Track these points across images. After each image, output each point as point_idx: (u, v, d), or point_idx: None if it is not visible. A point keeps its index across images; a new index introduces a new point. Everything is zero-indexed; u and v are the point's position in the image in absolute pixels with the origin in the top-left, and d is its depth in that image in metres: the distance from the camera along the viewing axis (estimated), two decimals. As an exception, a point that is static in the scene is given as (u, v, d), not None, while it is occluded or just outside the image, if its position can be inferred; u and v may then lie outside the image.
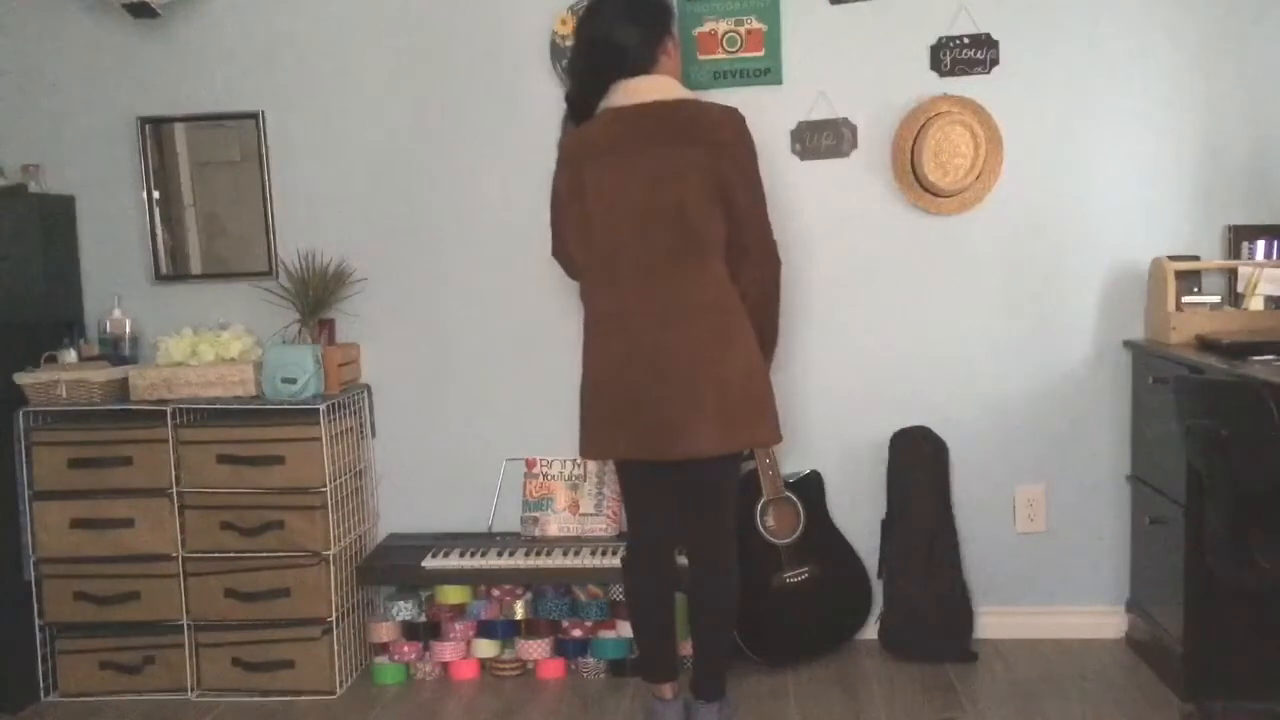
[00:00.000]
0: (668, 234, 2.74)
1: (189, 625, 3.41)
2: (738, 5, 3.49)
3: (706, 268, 2.77)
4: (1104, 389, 3.56)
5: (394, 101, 3.63)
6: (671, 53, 2.88)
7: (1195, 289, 3.40)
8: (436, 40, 3.61)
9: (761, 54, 3.49)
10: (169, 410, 3.38)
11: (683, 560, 3.06)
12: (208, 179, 3.73)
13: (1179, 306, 3.31)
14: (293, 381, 3.38)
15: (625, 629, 3.43)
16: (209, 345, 3.48)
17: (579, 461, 3.61)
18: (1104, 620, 3.60)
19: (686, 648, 3.20)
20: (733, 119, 2.80)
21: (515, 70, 3.58)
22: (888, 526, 3.58)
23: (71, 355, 3.48)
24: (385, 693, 3.45)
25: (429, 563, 3.43)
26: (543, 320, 3.63)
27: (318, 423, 3.34)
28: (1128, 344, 3.51)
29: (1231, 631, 3.02)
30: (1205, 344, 3.15)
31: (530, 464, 3.64)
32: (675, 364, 2.73)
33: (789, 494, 3.47)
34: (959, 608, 3.51)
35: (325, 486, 3.35)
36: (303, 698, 3.38)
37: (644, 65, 2.80)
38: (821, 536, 3.54)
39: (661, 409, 2.74)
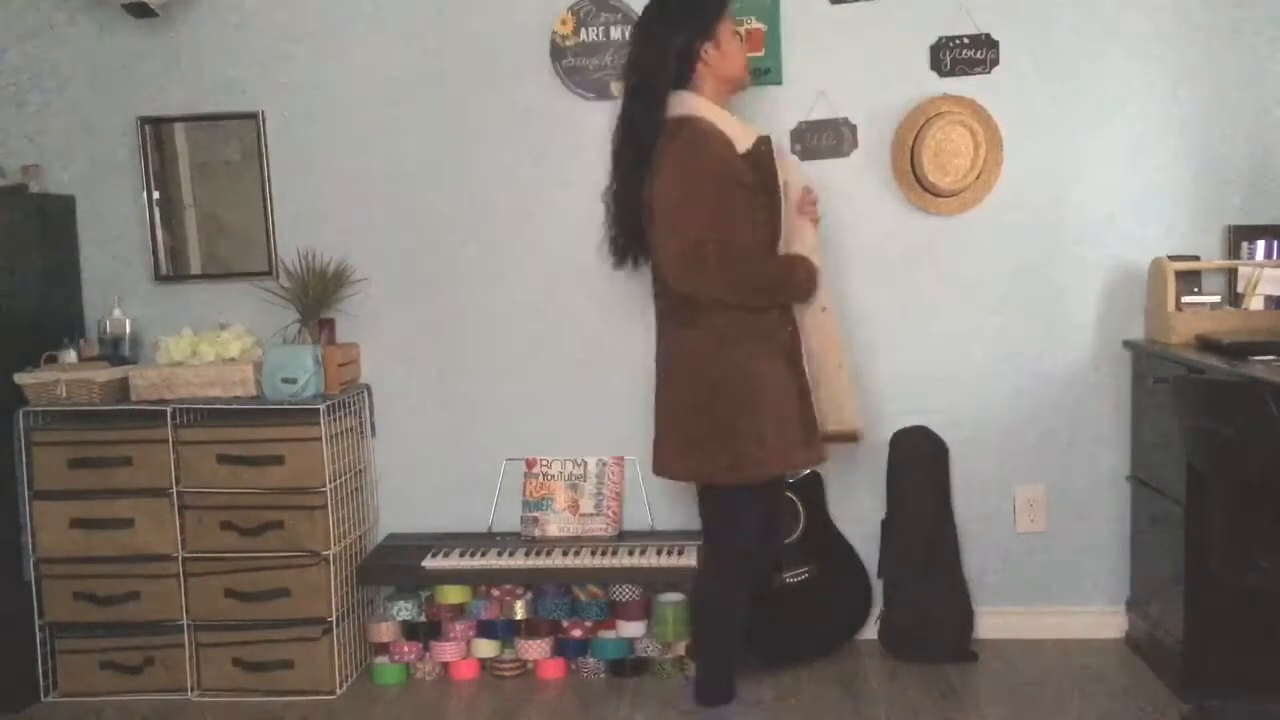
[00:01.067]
0: None
1: (189, 625, 3.41)
2: (738, 5, 3.47)
3: None
4: (1104, 389, 3.56)
5: (394, 101, 3.63)
6: (711, 60, 2.88)
7: (1195, 289, 3.40)
8: (436, 40, 3.60)
9: (761, 54, 3.49)
10: (169, 410, 3.37)
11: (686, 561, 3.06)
12: (208, 179, 3.73)
13: (1179, 306, 3.31)
14: (293, 381, 3.37)
15: (625, 629, 3.43)
16: (209, 345, 3.48)
17: (579, 461, 3.61)
18: (1104, 620, 3.60)
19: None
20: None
21: (515, 70, 3.58)
22: (888, 526, 3.58)
23: (71, 355, 3.48)
24: (385, 693, 3.45)
25: (429, 563, 3.43)
26: (543, 320, 3.63)
27: (318, 423, 3.34)
28: (1128, 344, 3.51)
29: (1231, 631, 3.02)
30: (1205, 344, 3.15)
31: (530, 464, 3.63)
32: None
33: (789, 494, 3.47)
34: (959, 608, 3.51)
35: (325, 486, 3.35)
36: (303, 698, 3.37)
37: (680, 81, 2.87)
38: (821, 536, 3.54)
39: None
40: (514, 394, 3.68)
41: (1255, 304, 3.33)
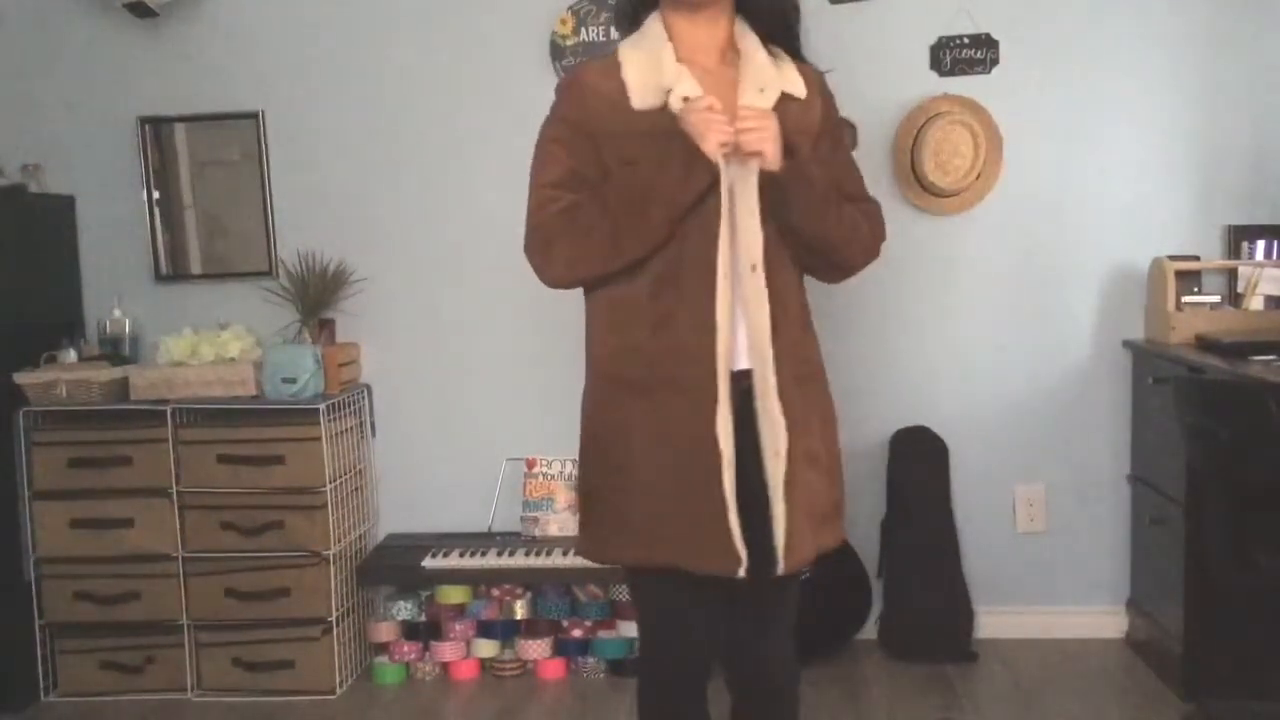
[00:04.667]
0: None
1: (189, 625, 3.41)
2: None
3: None
4: (1104, 389, 3.56)
5: (394, 101, 3.63)
6: None
7: (1195, 289, 3.40)
8: (436, 40, 3.61)
9: (761, 54, 3.48)
10: (169, 410, 3.37)
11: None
12: (208, 179, 3.73)
13: (1179, 306, 3.31)
14: (293, 381, 3.38)
15: (625, 629, 3.43)
16: (209, 345, 3.48)
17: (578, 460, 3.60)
18: (1104, 620, 3.60)
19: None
20: None
21: (515, 70, 3.58)
22: (888, 526, 3.58)
23: (71, 355, 3.48)
24: (385, 693, 3.45)
25: (429, 563, 3.43)
26: (544, 319, 3.63)
27: (318, 423, 3.34)
28: (1128, 344, 3.51)
29: (1231, 631, 3.02)
30: (1205, 344, 3.15)
31: (530, 464, 3.63)
32: None
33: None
34: (959, 608, 3.51)
35: (325, 486, 3.35)
36: (303, 698, 3.37)
37: None
38: (821, 536, 3.54)
39: None
40: (514, 394, 3.68)
41: (1255, 304, 3.32)
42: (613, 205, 1.99)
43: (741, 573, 1.94)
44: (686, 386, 1.96)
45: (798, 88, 2.05)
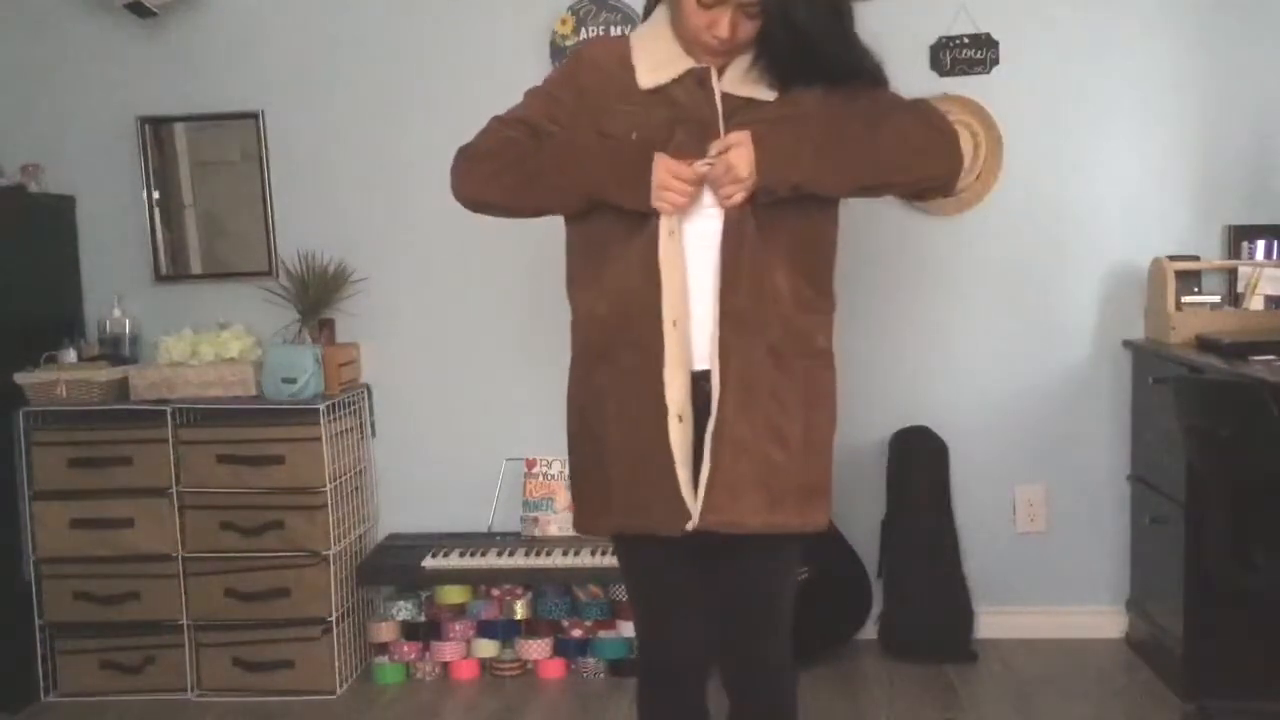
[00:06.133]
0: None
1: (189, 625, 3.41)
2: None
3: None
4: (1104, 389, 3.56)
5: (393, 101, 3.63)
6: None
7: (1195, 289, 3.40)
8: (437, 40, 3.61)
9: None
10: (169, 410, 3.37)
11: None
12: (208, 179, 3.73)
13: (1179, 306, 3.31)
14: (293, 381, 3.37)
15: (625, 629, 3.43)
16: (209, 345, 3.48)
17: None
18: (1104, 620, 3.60)
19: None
20: None
21: (516, 70, 3.57)
22: (888, 526, 3.58)
23: (71, 355, 3.48)
24: (385, 693, 3.45)
25: (429, 563, 3.43)
26: (543, 319, 3.63)
27: (318, 423, 3.34)
28: (1128, 344, 3.51)
29: (1231, 631, 3.01)
30: (1205, 344, 3.15)
31: (530, 464, 3.63)
32: None
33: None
34: (959, 608, 3.51)
35: (325, 486, 3.35)
36: (303, 698, 3.37)
37: None
38: (821, 536, 3.53)
39: None
40: (514, 394, 3.68)
41: (1255, 304, 3.32)
42: (551, 153, 2.06)
43: (690, 526, 1.95)
44: (639, 343, 1.97)
45: (763, 92, 2.03)
